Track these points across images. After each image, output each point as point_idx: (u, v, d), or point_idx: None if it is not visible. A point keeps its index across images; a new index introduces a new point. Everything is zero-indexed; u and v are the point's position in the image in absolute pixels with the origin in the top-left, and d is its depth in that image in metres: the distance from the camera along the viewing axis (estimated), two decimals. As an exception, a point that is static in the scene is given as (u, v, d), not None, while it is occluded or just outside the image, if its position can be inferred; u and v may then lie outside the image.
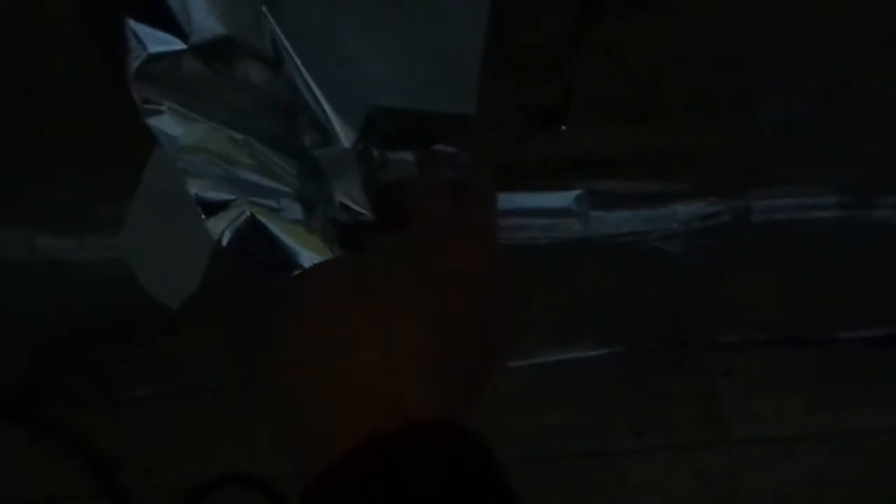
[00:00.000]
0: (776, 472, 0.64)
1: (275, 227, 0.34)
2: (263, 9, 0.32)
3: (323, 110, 0.33)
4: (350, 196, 0.35)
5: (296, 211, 0.34)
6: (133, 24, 0.30)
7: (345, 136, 0.33)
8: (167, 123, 0.33)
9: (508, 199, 0.50)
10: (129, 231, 0.36)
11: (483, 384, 0.31)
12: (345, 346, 0.28)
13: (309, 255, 0.34)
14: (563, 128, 0.44)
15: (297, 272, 0.34)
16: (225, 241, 0.33)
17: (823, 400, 0.65)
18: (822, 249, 0.58)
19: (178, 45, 0.31)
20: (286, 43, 0.33)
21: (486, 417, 0.62)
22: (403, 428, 0.26)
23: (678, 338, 0.66)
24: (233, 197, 0.33)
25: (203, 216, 0.32)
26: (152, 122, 0.33)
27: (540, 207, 0.51)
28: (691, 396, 0.65)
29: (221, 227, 0.33)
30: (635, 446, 0.64)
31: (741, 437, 0.64)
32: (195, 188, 0.33)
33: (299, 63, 0.33)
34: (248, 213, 0.33)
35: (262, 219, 0.33)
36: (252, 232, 0.33)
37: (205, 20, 0.31)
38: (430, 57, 0.39)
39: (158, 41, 0.31)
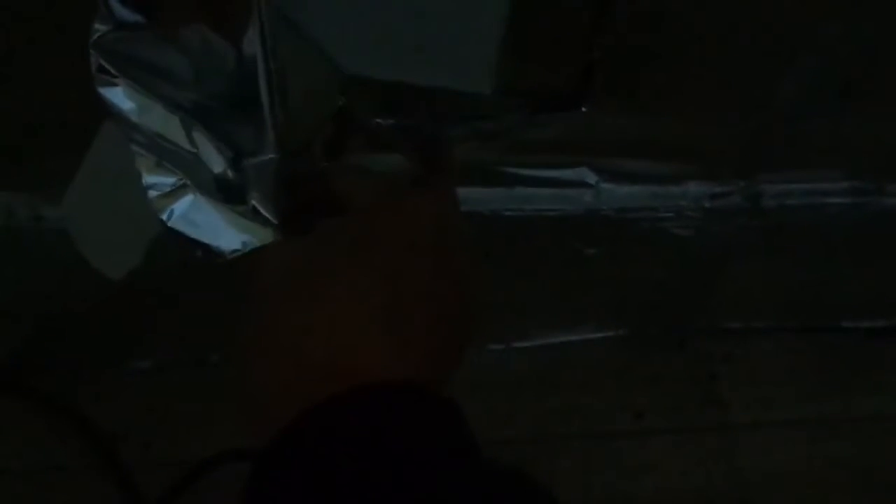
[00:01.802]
0: (775, 457, 0.64)
1: (217, 210, 0.34)
2: None
3: (284, 102, 0.33)
4: (263, 204, 0.35)
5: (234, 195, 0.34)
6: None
7: (292, 133, 0.33)
8: (119, 96, 0.32)
9: (516, 169, 0.49)
10: (71, 199, 0.36)
11: (448, 359, 0.30)
12: (299, 325, 0.28)
13: (248, 238, 0.34)
14: (584, 109, 0.44)
15: (240, 254, 0.34)
16: (169, 221, 0.34)
17: (823, 386, 0.66)
18: (830, 237, 0.58)
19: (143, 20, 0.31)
20: (268, 26, 0.32)
21: (487, 399, 0.63)
22: (358, 388, 0.26)
23: (680, 322, 0.66)
24: (177, 178, 0.33)
25: (149, 194, 0.32)
26: (105, 91, 0.32)
27: (549, 177, 0.50)
28: (691, 380, 0.65)
29: (167, 206, 0.33)
30: (635, 429, 0.64)
31: (740, 422, 0.65)
32: (143, 165, 0.33)
33: (274, 48, 0.33)
34: (191, 196, 0.33)
35: (205, 201, 0.33)
36: (196, 214, 0.33)
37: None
38: (444, 31, 0.38)
39: (127, 15, 0.30)
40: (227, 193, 0.34)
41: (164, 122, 0.33)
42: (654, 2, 0.41)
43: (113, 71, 0.31)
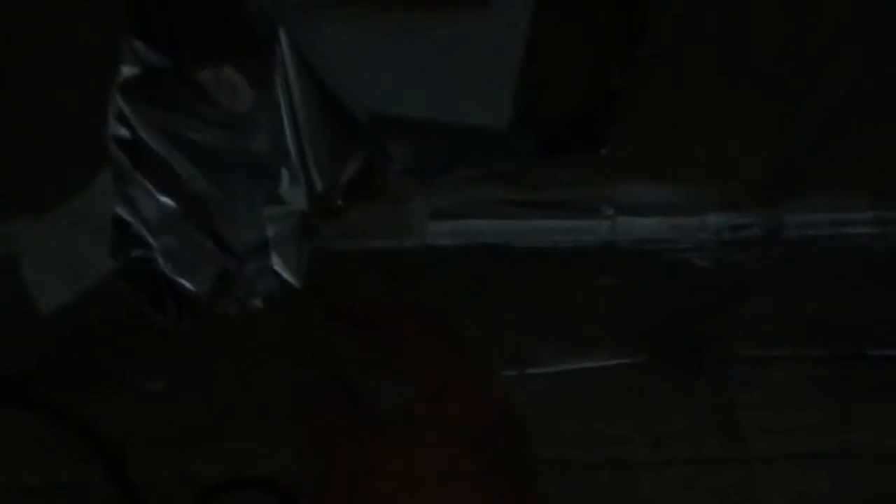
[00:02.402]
0: (795, 489, 0.63)
1: (178, 277, 0.34)
2: (281, 32, 0.31)
3: (301, 150, 0.33)
4: (286, 265, 0.35)
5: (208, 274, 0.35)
6: (132, 41, 0.30)
7: (318, 178, 0.33)
8: (129, 148, 0.33)
9: (530, 200, 0.49)
10: (44, 225, 0.37)
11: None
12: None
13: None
14: (603, 151, 0.43)
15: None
16: (120, 270, 0.34)
17: (847, 416, 0.64)
18: (855, 266, 0.56)
19: (168, 65, 0.31)
20: (291, 66, 0.32)
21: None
22: None
23: (698, 349, 0.65)
24: (152, 239, 0.34)
25: (111, 242, 0.33)
26: (116, 140, 0.32)
27: (564, 209, 0.50)
28: (709, 409, 0.64)
29: (123, 257, 0.34)
30: (651, 458, 0.63)
31: (759, 452, 0.63)
32: (124, 213, 0.33)
33: (296, 89, 0.33)
34: (157, 260, 0.33)
35: (166, 269, 0.34)
36: (150, 276, 0.34)
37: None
38: (461, 67, 0.38)
39: (153, 59, 0.31)
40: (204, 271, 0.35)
41: (186, 169, 0.33)
42: (674, 34, 0.40)
43: (132, 120, 0.32)
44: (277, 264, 0.33)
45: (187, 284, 0.34)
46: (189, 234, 0.34)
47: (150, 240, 0.33)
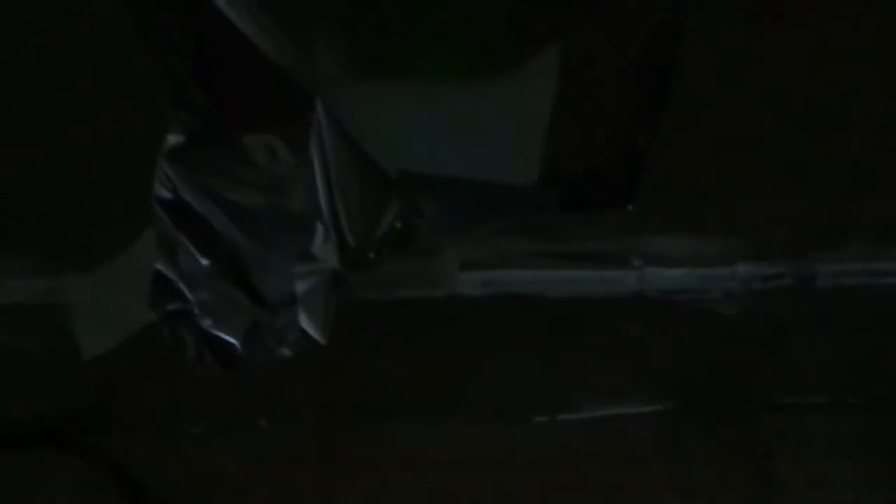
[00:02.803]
0: (833, 543, 0.61)
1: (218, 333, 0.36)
2: (316, 98, 0.33)
3: (334, 210, 0.35)
4: (313, 322, 0.37)
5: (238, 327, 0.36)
6: (178, 112, 0.32)
7: (350, 235, 0.35)
8: (172, 209, 0.35)
9: (558, 251, 0.49)
10: (86, 280, 0.38)
11: None
12: None
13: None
14: (630, 207, 0.44)
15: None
16: (159, 322, 0.36)
17: (885, 467, 0.63)
18: (890, 314, 0.56)
19: (210, 133, 0.33)
20: (325, 128, 0.34)
21: (530, 471, 0.62)
22: None
23: (732, 396, 0.64)
24: (189, 293, 0.36)
25: (151, 295, 0.35)
26: (159, 202, 0.34)
27: (592, 260, 0.50)
28: (744, 457, 0.63)
29: (162, 310, 0.36)
30: (684, 508, 0.62)
31: (796, 503, 0.62)
32: (164, 269, 0.35)
33: (330, 150, 0.35)
34: (194, 312, 0.35)
35: (202, 322, 0.36)
36: (188, 327, 0.36)
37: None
38: (489, 127, 0.39)
39: (197, 127, 0.33)
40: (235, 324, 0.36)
41: (224, 227, 0.35)
42: (700, 93, 0.41)
43: (175, 183, 0.34)
44: (304, 321, 0.35)
45: (222, 336, 0.36)
46: (224, 288, 0.36)
47: (188, 294, 0.35)
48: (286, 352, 0.37)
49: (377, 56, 0.35)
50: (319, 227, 0.36)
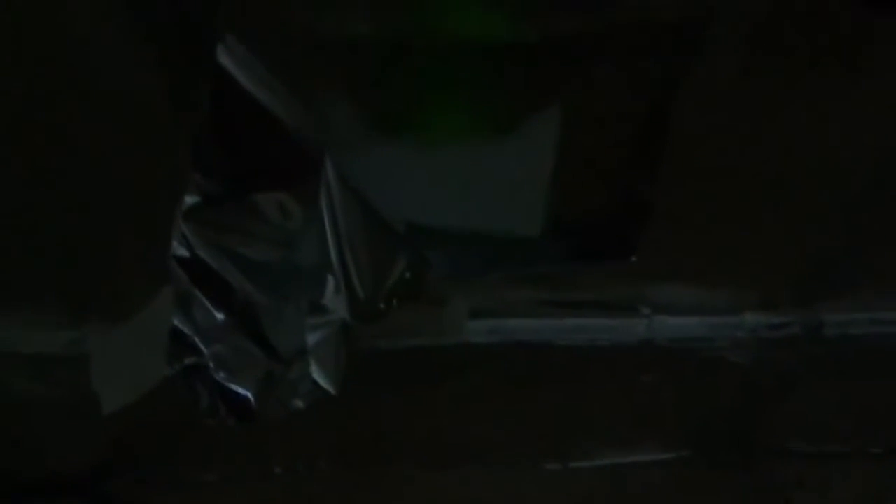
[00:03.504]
0: None
1: (231, 384, 0.37)
2: (326, 156, 0.34)
3: (343, 261, 0.36)
4: (325, 374, 0.38)
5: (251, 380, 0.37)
6: (195, 175, 0.34)
7: (360, 287, 0.36)
8: (188, 266, 0.36)
9: (566, 300, 0.50)
10: (104, 338, 0.40)
11: None
12: None
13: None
14: (633, 259, 0.45)
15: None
16: (179, 381, 0.37)
17: (905, 518, 0.62)
18: (900, 362, 0.56)
19: (225, 193, 0.35)
20: (335, 185, 0.35)
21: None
22: None
23: (746, 443, 0.64)
24: (204, 348, 0.37)
25: (167, 351, 0.36)
26: (176, 260, 0.36)
27: (600, 308, 0.51)
28: (762, 506, 0.63)
29: (178, 365, 0.37)
30: (700, 558, 0.61)
31: (815, 555, 0.61)
32: (181, 325, 0.36)
33: (339, 205, 0.36)
34: (209, 366, 0.36)
35: (217, 375, 0.37)
36: (203, 381, 0.37)
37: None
38: (495, 182, 0.40)
39: (212, 188, 0.34)
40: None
41: (238, 282, 0.37)
42: (701, 145, 0.42)
43: (191, 241, 0.35)
44: (316, 373, 0.36)
45: (236, 388, 0.37)
46: (238, 341, 0.37)
47: (203, 348, 0.36)
48: (299, 403, 0.38)
49: (385, 115, 0.37)
50: (330, 280, 0.37)
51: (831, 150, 0.44)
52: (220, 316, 0.36)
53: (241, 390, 0.37)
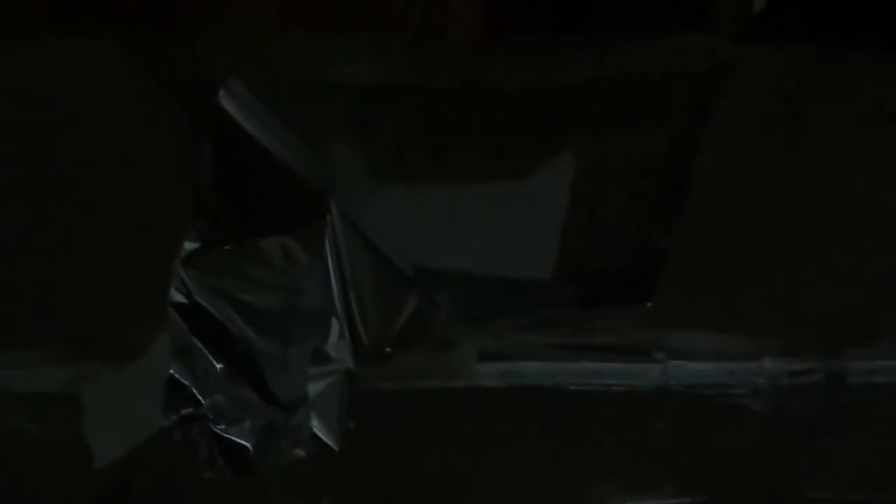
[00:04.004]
0: None
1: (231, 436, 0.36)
2: (331, 201, 0.33)
3: (349, 307, 0.35)
4: (326, 427, 0.37)
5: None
6: (196, 221, 0.33)
7: (365, 333, 0.35)
8: (187, 313, 0.35)
9: (580, 343, 0.49)
10: (99, 386, 0.39)
11: None
12: None
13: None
14: (648, 304, 0.43)
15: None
16: (176, 431, 0.36)
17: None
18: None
19: (227, 238, 0.34)
20: (340, 230, 0.34)
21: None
22: None
23: (765, 492, 0.62)
24: (202, 398, 0.36)
25: (164, 401, 0.35)
26: (174, 306, 0.35)
27: (615, 352, 0.49)
28: (782, 557, 0.61)
29: (175, 415, 0.36)
30: None
31: None
32: (178, 374, 0.35)
33: (345, 250, 0.35)
34: (207, 417, 0.35)
35: (215, 426, 0.36)
36: (200, 432, 0.36)
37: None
38: (506, 226, 0.39)
39: (212, 234, 0.33)
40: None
41: (240, 329, 0.36)
42: (719, 189, 0.41)
43: (190, 288, 0.34)
44: (317, 427, 0.35)
45: (234, 439, 0.36)
46: (238, 391, 0.36)
47: (201, 398, 0.35)
48: (300, 452, 0.36)
49: (392, 160, 0.36)
50: (334, 325, 0.36)
51: (854, 197, 0.43)
52: (219, 365, 0.35)
53: (239, 441, 0.36)
